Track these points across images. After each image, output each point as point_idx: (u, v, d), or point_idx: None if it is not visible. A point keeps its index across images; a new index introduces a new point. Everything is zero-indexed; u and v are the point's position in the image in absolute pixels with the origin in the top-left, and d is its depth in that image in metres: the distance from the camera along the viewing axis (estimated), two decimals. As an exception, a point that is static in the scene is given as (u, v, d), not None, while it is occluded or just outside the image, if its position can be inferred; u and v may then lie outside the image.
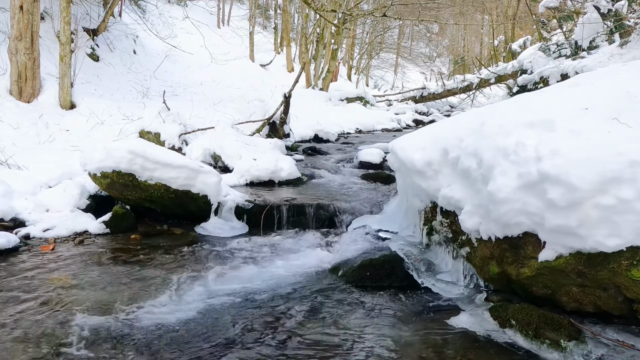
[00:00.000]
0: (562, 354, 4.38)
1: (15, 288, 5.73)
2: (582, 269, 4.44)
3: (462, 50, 70.40)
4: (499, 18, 49.40)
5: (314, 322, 5.06)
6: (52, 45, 18.09)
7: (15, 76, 14.38)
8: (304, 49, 36.28)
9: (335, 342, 4.65)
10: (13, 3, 14.04)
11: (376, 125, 25.32)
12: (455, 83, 33.96)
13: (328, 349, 4.51)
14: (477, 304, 5.45)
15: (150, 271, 6.38)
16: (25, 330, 4.75)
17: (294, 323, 5.04)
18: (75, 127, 14.08)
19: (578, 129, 4.70)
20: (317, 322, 5.06)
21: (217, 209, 8.43)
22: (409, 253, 6.55)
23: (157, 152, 8.19)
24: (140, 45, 27.47)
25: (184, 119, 14.21)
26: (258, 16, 51.89)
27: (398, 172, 7.41)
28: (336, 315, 5.25)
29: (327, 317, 5.20)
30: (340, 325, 5.00)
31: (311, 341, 4.66)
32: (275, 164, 10.65)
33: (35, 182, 9.22)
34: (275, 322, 5.06)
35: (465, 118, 6.58)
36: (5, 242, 6.92)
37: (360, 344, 4.63)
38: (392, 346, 4.60)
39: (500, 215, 4.87)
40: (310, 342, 4.64)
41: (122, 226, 8.08)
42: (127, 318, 5.04)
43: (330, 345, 4.60)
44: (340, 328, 4.94)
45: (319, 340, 4.69)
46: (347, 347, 4.55)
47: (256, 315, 5.19)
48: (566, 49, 22.86)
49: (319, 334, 4.80)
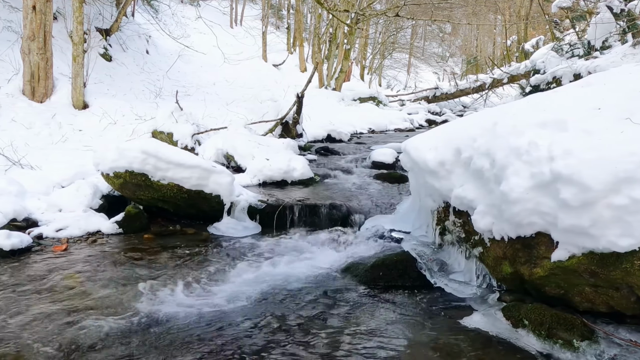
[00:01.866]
0: (575, 354, 4.38)
1: (28, 288, 5.75)
2: (594, 269, 4.44)
3: (475, 50, 70.32)
4: (512, 18, 49.22)
5: (326, 322, 5.07)
6: (64, 45, 18.11)
7: (28, 76, 14.40)
8: (316, 49, 36.35)
9: (348, 342, 4.66)
10: (26, 3, 14.07)
11: (389, 125, 25.25)
12: (468, 83, 33.86)
13: (341, 349, 4.52)
14: (489, 304, 5.45)
15: (163, 271, 6.39)
16: (39, 329, 4.77)
17: (306, 323, 5.05)
18: (88, 127, 14.10)
19: (591, 129, 4.69)
20: (330, 322, 5.07)
21: (230, 209, 8.44)
22: (422, 253, 6.55)
23: (170, 152, 8.21)
24: (153, 45, 27.48)
25: (196, 119, 14.22)
26: (271, 16, 51.88)
27: (411, 172, 7.40)
28: (348, 315, 5.25)
29: (340, 317, 5.21)
30: (353, 325, 5.00)
31: (324, 341, 4.67)
32: (288, 163, 10.65)
33: (48, 182, 9.25)
34: (288, 321, 5.08)
35: (478, 118, 6.57)
36: (18, 242, 6.96)
37: (372, 343, 4.63)
38: (405, 346, 4.60)
39: (513, 215, 4.87)
40: (322, 342, 4.64)
41: (134, 226, 8.09)
42: (140, 317, 5.06)
43: (343, 344, 4.60)
44: (353, 328, 4.95)
45: (332, 339, 4.69)
46: (360, 347, 4.56)
47: (268, 315, 5.20)
48: (579, 48, 22.76)
49: (331, 334, 4.81)
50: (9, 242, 6.86)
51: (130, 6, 26.21)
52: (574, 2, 23.18)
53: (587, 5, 22.88)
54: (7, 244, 6.83)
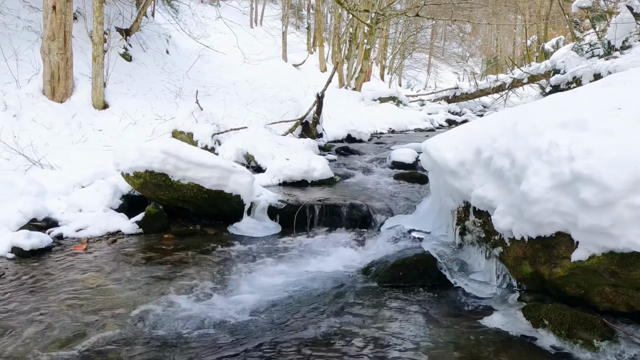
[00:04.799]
0: (595, 354, 4.37)
1: (48, 288, 5.78)
2: (615, 269, 4.42)
3: (495, 50, 70.09)
4: (532, 18, 49.09)
5: (346, 322, 5.07)
6: (84, 45, 18.23)
7: (48, 76, 14.47)
8: (336, 49, 36.31)
9: (368, 341, 4.66)
10: (46, 3, 14.14)
11: (409, 125, 25.23)
12: (488, 83, 33.83)
13: (361, 349, 4.53)
14: (509, 304, 5.43)
15: (183, 271, 6.41)
16: (59, 330, 4.80)
17: (326, 322, 5.05)
18: (108, 127, 14.17)
19: (611, 129, 4.67)
20: (350, 322, 5.07)
21: (250, 209, 8.46)
22: (442, 253, 6.54)
23: (190, 152, 8.22)
24: (173, 45, 27.59)
25: (216, 119, 14.25)
26: (291, 16, 52.00)
27: (431, 172, 7.40)
28: (369, 315, 5.26)
29: (360, 316, 5.21)
30: (373, 325, 5.01)
31: (344, 341, 4.67)
32: (308, 163, 10.66)
33: (68, 182, 9.29)
34: (308, 321, 5.08)
35: (498, 118, 6.55)
36: (38, 242, 6.98)
37: (393, 343, 4.64)
38: (425, 346, 4.60)
39: (533, 215, 4.86)
40: (343, 342, 4.65)
41: (155, 226, 8.12)
42: (161, 317, 5.07)
43: (363, 344, 4.61)
44: (373, 328, 4.95)
45: (352, 340, 4.69)
46: (380, 347, 4.56)
47: (289, 315, 5.21)
48: (599, 48, 22.68)
49: (351, 334, 4.81)
50: (29, 242, 6.89)
51: (150, 6, 26.33)
52: (594, 2, 23.15)
53: (607, 5, 22.86)
54: (27, 244, 6.87)
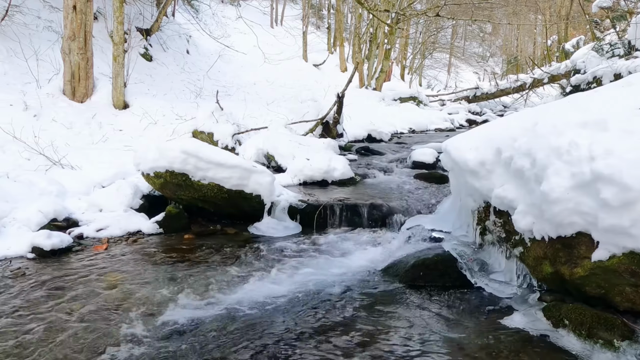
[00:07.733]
0: (616, 354, 4.36)
1: (69, 288, 5.82)
2: (635, 269, 4.41)
3: (515, 50, 69.99)
4: (552, 18, 48.95)
5: (367, 322, 5.08)
6: (105, 45, 18.30)
7: (69, 76, 14.59)
8: (357, 49, 36.41)
9: (389, 341, 4.68)
10: (66, 3, 14.26)
11: (429, 125, 25.15)
12: (508, 83, 33.69)
13: (381, 348, 4.54)
14: (530, 304, 5.43)
15: (204, 271, 6.44)
16: (79, 329, 4.84)
17: (347, 322, 5.07)
18: (128, 127, 14.25)
19: (632, 129, 4.66)
20: (370, 322, 5.08)
21: (270, 209, 8.47)
22: (462, 253, 6.53)
23: (210, 151, 8.25)
24: (193, 45, 27.65)
25: (237, 119, 14.29)
26: (311, 16, 52.07)
27: (451, 172, 7.38)
28: (389, 314, 5.26)
29: (380, 316, 5.22)
30: (393, 325, 5.02)
31: (364, 340, 4.68)
32: (329, 163, 10.65)
33: (88, 182, 9.37)
34: (329, 320, 5.10)
35: (518, 118, 6.53)
36: (59, 242, 7.05)
37: (413, 343, 4.65)
38: (445, 346, 4.61)
39: (553, 215, 4.85)
40: (363, 341, 4.66)
41: (175, 226, 8.16)
42: (181, 318, 5.10)
43: (383, 344, 4.62)
44: (393, 327, 4.96)
45: (373, 339, 4.71)
46: (401, 346, 4.57)
47: (310, 314, 5.23)
48: (619, 48, 22.58)
49: (372, 334, 4.83)
50: (50, 242, 6.96)
51: (171, 6, 26.43)
52: (614, 2, 23.07)
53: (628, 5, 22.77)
54: (47, 244, 6.93)
